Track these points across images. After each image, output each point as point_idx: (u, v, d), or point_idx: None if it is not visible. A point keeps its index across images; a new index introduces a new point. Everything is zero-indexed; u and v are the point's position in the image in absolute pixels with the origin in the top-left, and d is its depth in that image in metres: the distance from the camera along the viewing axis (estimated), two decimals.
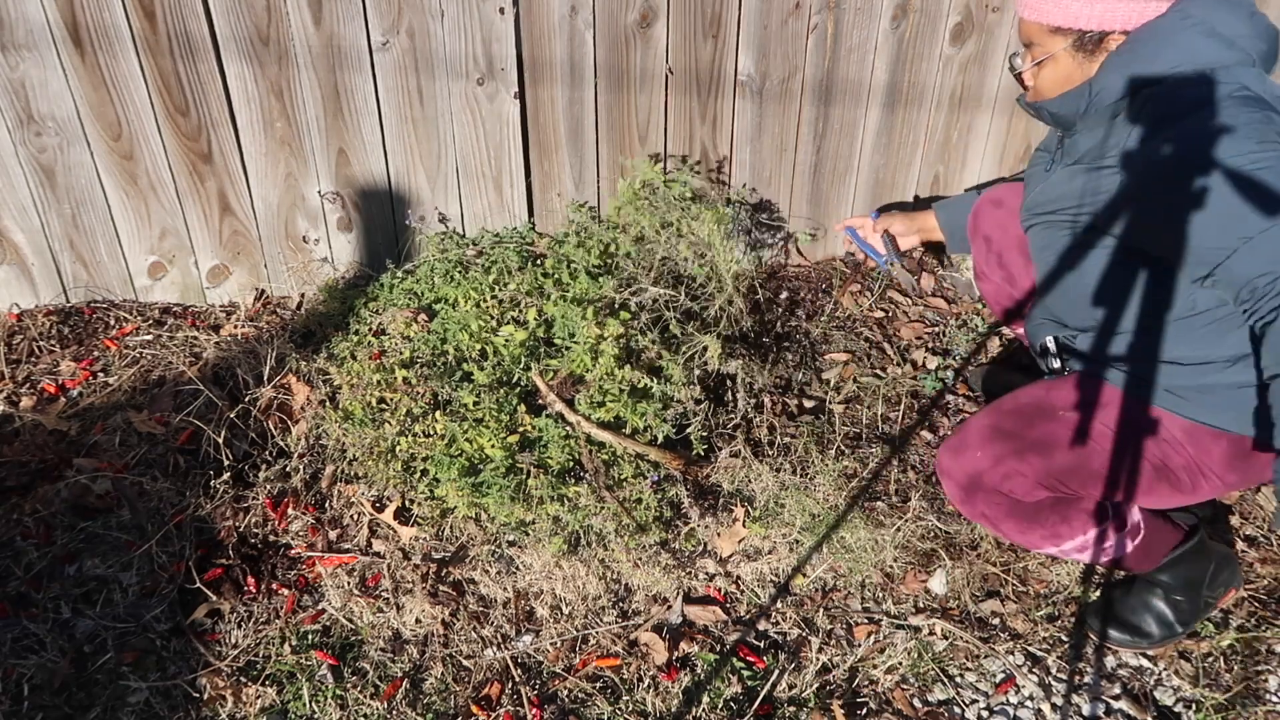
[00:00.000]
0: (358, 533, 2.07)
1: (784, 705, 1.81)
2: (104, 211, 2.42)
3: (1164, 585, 1.89)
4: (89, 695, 1.77)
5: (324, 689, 1.80)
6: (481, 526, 2.06)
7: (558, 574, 1.99)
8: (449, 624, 1.92)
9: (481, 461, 2.05)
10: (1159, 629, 1.89)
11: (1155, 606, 1.90)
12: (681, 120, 2.51)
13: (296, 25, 2.23)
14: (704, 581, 2.02)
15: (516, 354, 2.19)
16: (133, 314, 2.52)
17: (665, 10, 2.34)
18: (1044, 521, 1.76)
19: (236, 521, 2.05)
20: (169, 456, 2.15)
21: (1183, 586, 1.88)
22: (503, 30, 2.31)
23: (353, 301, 2.49)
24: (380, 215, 2.54)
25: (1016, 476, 1.71)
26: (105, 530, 2.02)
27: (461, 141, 2.45)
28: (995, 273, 2.10)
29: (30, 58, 2.18)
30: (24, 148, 2.29)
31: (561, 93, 2.41)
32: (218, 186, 2.42)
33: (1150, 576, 1.90)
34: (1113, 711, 1.81)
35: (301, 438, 2.19)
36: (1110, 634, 1.91)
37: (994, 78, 2.60)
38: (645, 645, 1.90)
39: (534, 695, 1.81)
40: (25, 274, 2.48)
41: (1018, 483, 1.71)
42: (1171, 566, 1.89)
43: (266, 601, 1.94)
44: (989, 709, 1.82)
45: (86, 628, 1.87)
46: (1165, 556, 1.88)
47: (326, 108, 2.35)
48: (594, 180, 2.57)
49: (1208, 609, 1.91)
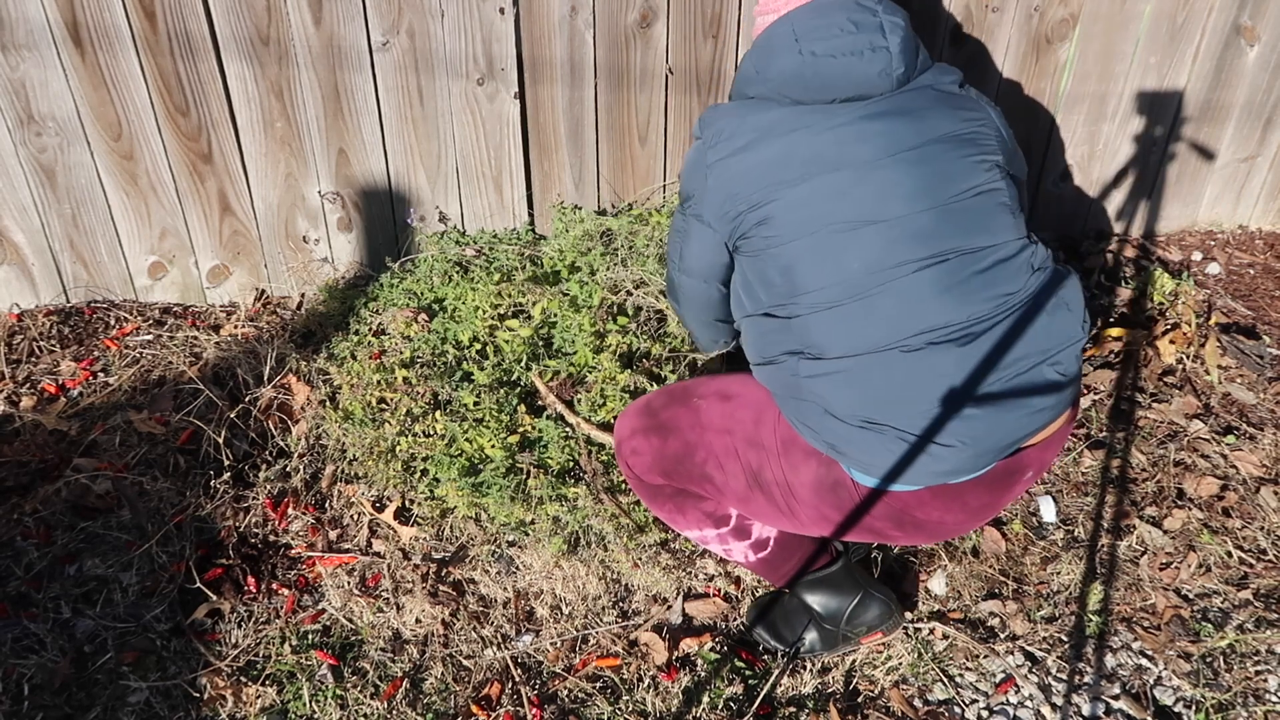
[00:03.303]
0: (358, 533, 2.07)
1: (784, 705, 1.81)
2: (104, 211, 2.42)
3: (809, 607, 1.88)
4: (89, 695, 1.77)
5: (324, 689, 1.80)
6: (481, 526, 2.06)
7: (558, 574, 1.99)
8: (449, 624, 1.92)
9: (481, 461, 2.05)
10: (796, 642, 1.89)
11: (800, 622, 1.89)
12: (682, 120, 2.51)
13: (296, 25, 2.23)
14: (704, 582, 2.02)
15: (519, 352, 2.19)
16: (133, 314, 2.52)
17: (665, 10, 2.34)
18: (663, 504, 1.80)
19: (236, 521, 2.05)
20: (169, 456, 2.15)
21: (825, 614, 1.86)
22: (503, 30, 2.31)
23: (353, 301, 2.49)
24: (380, 215, 2.54)
25: (639, 453, 1.75)
26: (105, 530, 2.02)
27: (461, 141, 2.45)
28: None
29: (30, 58, 2.18)
30: (24, 148, 2.29)
31: (561, 93, 2.41)
32: (218, 186, 2.42)
33: (798, 594, 1.88)
34: (1112, 711, 1.82)
35: (301, 438, 2.19)
36: (757, 628, 1.93)
37: (994, 79, 2.60)
38: (645, 645, 1.90)
39: (534, 695, 1.81)
40: (25, 274, 2.48)
41: (638, 460, 1.76)
42: (812, 589, 1.86)
43: (266, 601, 1.94)
44: (989, 709, 1.82)
45: (86, 628, 1.87)
46: (794, 576, 1.86)
47: (326, 108, 2.35)
48: (594, 180, 2.57)
49: (847, 642, 1.88)
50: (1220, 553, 2.09)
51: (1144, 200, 2.89)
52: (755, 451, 1.63)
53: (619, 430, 1.81)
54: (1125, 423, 2.38)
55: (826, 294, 1.52)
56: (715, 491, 1.71)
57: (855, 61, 1.56)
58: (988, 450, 1.52)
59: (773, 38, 1.63)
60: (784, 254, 1.55)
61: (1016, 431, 1.53)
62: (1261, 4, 2.61)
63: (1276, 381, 2.49)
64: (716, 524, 1.78)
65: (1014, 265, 1.55)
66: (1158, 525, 2.15)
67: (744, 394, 1.69)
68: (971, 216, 1.55)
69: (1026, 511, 2.19)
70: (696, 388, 1.76)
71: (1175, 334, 2.55)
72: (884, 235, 1.51)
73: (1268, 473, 2.26)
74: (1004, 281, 1.53)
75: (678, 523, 1.82)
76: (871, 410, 1.50)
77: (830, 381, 1.52)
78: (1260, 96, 2.77)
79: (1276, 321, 2.70)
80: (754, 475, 1.64)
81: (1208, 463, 2.28)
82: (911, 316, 1.50)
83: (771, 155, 1.56)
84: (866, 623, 1.86)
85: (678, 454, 1.70)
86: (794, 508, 1.63)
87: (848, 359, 1.51)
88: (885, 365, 1.50)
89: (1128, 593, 2.03)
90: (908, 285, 1.50)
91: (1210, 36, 2.63)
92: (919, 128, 1.56)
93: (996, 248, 1.54)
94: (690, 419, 1.70)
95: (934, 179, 1.54)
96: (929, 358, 1.49)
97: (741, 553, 1.81)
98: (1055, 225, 2.86)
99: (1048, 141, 2.72)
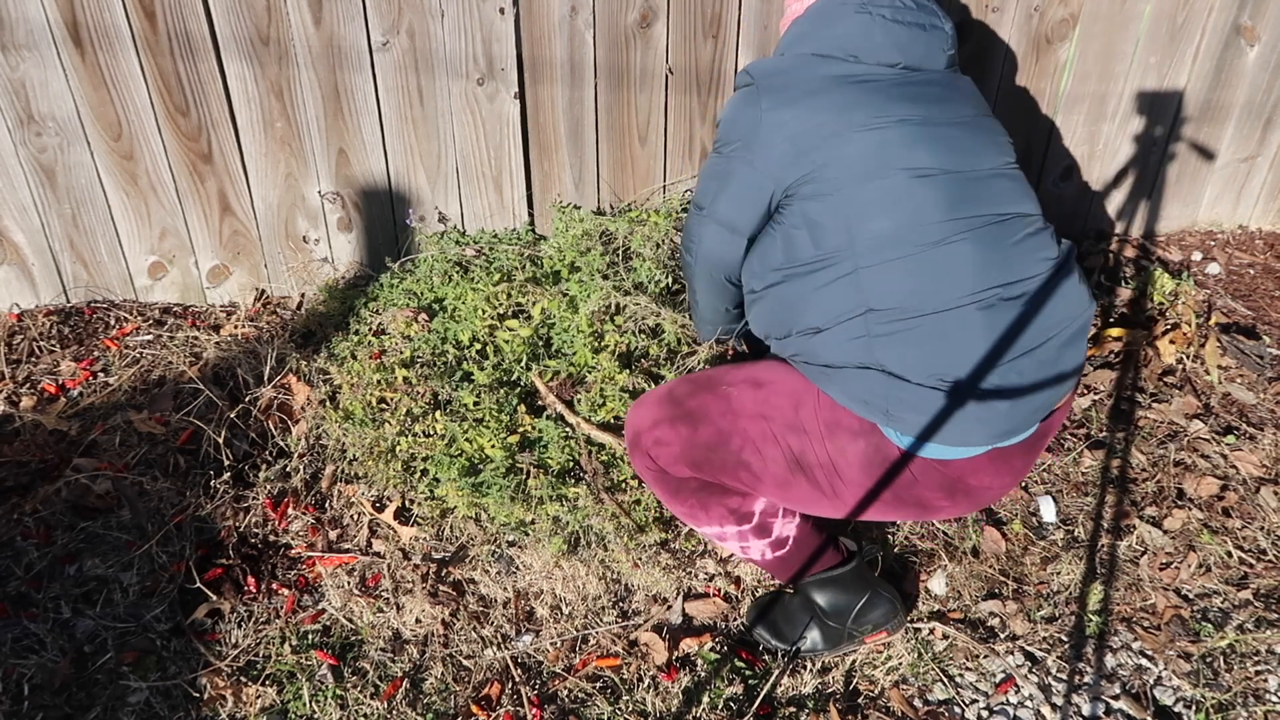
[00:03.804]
0: (358, 533, 2.07)
1: (784, 705, 1.81)
2: (104, 211, 2.42)
3: (815, 605, 1.87)
4: (89, 695, 1.77)
5: (324, 689, 1.80)
6: (481, 526, 2.06)
7: (558, 574, 1.99)
8: (449, 624, 1.92)
9: (481, 461, 2.05)
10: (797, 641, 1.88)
11: (802, 620, 1.89)
12: (682, 120, 2.51)
13: (296, 25, 2.23)
14: (704, 581, 2.02)
15: (519, 352, 2.19)
16: (133, 314, 2.52)
17: (665, 10, 2.34)
18: (685, 500, 1.76)
19: (236, 521, 2.05)
20: (169, 456, 2.15)
21: (831, 612, 1.86)
22: (503, 30, 2.31)
23: (353, 301, 2.49)
24: (380, 215, 2.54)
25: (664, 444, 1.69)
26: (105, 530, 2.02)
27: (461, 141, 2.46)
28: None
29: (30, 58, 2.18)
30: (24, 148, 2.29)
31: (561, 93, 2.41)
32: (218, 186, 2.43)
33: (805, 592, 1.88)
34: (1112, 711, 1.82)
35: (301, 438, 2.19)
36: (757, 628, 1.92)
37: (994, 79, 2.60)
38: (645, 645, 1.90)
39: (534, 695, 1.81)
40: (25, 274, 2.48)
41: (663, 451, 1.70)
42: (821, 587, 1.86)
43: (266, 601, 1.94)
44: (989, 709, 1.82)
45: (86, 628, 1.87)
46: (807, 574, 1.86)
47: (326, 108, 2.35)
48: (594, 180, 2.57)
49: (850, 641, 1.88)
50: (1220, 553, 2.09)
51: (1144, 200, 2.89)
52: (796, 436, 1.61)
53: (636, 421, 1.75)
54: (1125, 423, 2.38)
55: (896, 242, 1.51)
56: (751, 479, 1.67)
57: (920, 33, 1.65)
58: (1040, 409, 1.56)
59: (830, 5, 1.68)
60: (847, 199, 1.54)
61: (1059, 391, 1.58)
62: (1261, 4, 2.61)
63: (1276, 381, 2.49)
64: (739, 521, 1.76)
65: (1047, 234, 1.63)
66: (1158, 525, 2.15)
67: (778, 380, 1.66)
68: (1017, 184, 1.63)
69: (1026, 511, 2.19)
70: (724, 375, 1.72)
71: (1175, 334, 2.55)
72: (955, 187, 1.54)
73: (1268, 473, 2.26)
74: (1046, 247, 1.60)
75: (698, 519, 1.78)
76: (945, 368, 1.50)
77: (899, 340, 1.51)
78: (1260, 96, 2.77)
79: (1276, 321, 2.70)
80: (796, 459, 1.62)
81: (1208, 463, 2.28)
82: (981, 271, 1.51)
83: (837, 101, 1.57)
84: (872, 621, 1.86)
85: (710, 442, 1.66)
86: (839, 488, 1.62)
87: (924, 316, 1.50)
88: (961, 321, 1.50)
89: (1128, 593, 2.03)
90: (978, 238, 1.52)
91: (1210, 36, 2.64)
92: (969, 103, 1.67)
93: (1036, 217, 1.63)
94: (721, 406, 1.66)
95: (989, 145, 1.63)
96: (998, 315, 1.51)
97: (759, 551, 1.80)
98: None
99: (1048, 141, 2.72)
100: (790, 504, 1.71)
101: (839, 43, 1.64)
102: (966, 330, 1.50)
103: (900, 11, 1.65)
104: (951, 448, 1.55)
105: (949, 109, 1.61)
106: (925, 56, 1.65)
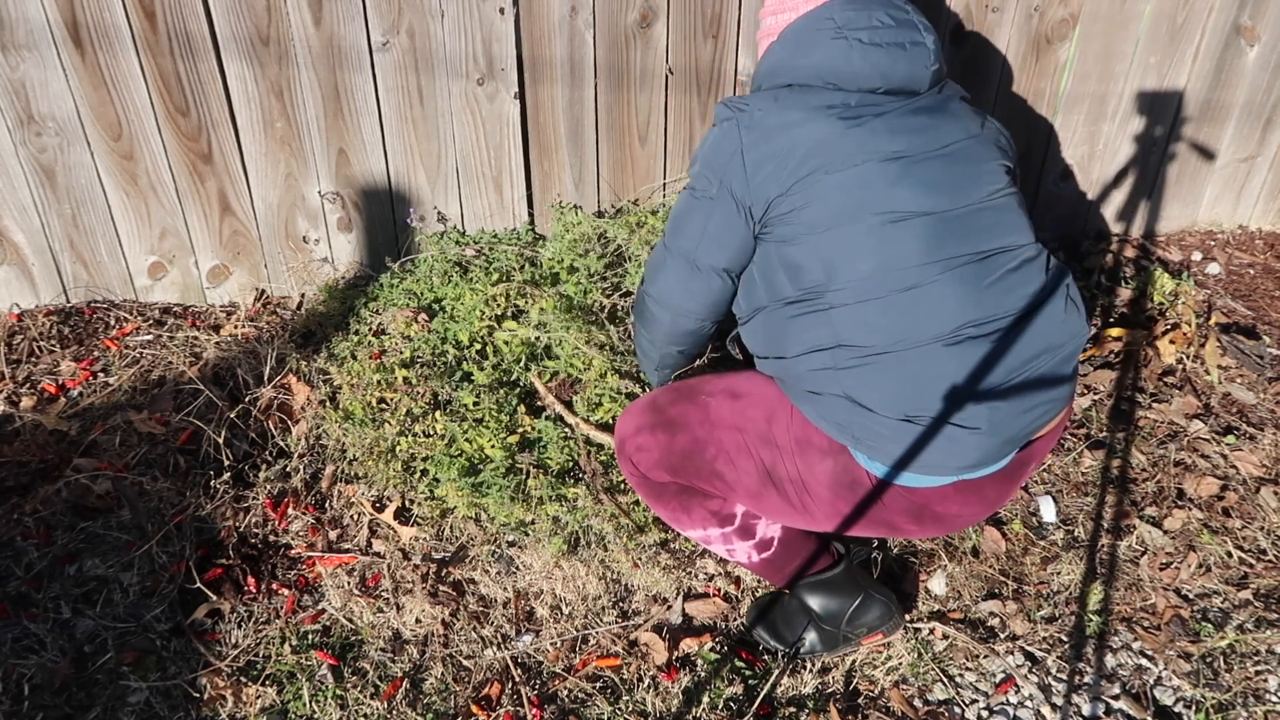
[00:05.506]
0: (358, 533, 2.07)
1: (784, 705, 1.81)
2: (104, 211, 2.42)
3: (809, 608, 1.87)
4: (89, 695, 1.77)
5: (324, 689, 1.80)
6: (481, 526, 2.06)
7: (558, 574, 1.99)
8: (449, 624, 1.92)
9: (481, 461, 2.05)
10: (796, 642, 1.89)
11: (800, 622, 1.89)
12: (681, 120, 2.51)
13: (296, 25, 2.23)
14: (704, 581, 2.02)
15: (518, 353, 2.19)
16: (133, 314, 2.52)
17: (665, 10, 2.34)
18: (668, 503, 1.78)
19: (236, 521, 2.05)
20: (169, 456, 2.15)
21: (825, 615, 1.86)
22: (503, 30, 2.31)
23: (353, 301, 2.49)
24: (380, 215, 2.54)
25: (645, 450, 1.73)
26: (105, 530, 2.02)
27: (461, 141, 2.45)
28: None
29: (30, 58, 2.18)
30: (24, 148, 2.29)
31: (561, 93, 2.41)
32: (218, 186, 2.43)
33: (799, 595, 1.88)
34: (1112, 711, 1.82)
35: (301, 438, 2.19)
36: (757, 628, 1.93)
37: (994, 79, 2.60)
38: (645, 645, 1.90)
39: (534, 695, 1.81)
40: (25, 274, 2.48)
41: (644, 457, 1.73)
42: (813, 590, 1.86)
43: (266, 601, 1.94)
44: (989, 709, 1.82)
45: (86, 628, 1.87)
46: (797, 578, 1.86)
47: (326, 108, 2.35)
48: (594, 180, 2.57)
49: (847, 643, 1.88)
50: (1220, 553, 2.09)
51: (1144, 200, 2.89)
52: (768, 449, 1.63)
53: (622, 428, 1.79)
54: (1125, 423, 2.38)
55: (873, 284, 1.51)
56: (725, 488, 1.70)
57: (900, 53, 1.59)
58: (1012, 441, 1.54)
59: (805, 30, 1.63)
60: (825, 241, 1.54)
61: (1036, 422, 1.56)
62: (1261, 4, 2.61)
63: (1276, 381, 2.49)
64: (721, 523, 1.78)
65: (1036, 264, 1.60)
66: (1158, 525, 2.15)
67: (754, 392, 1.68)
68: (1003, 216, 1.59)
69: (1026, 511, 2.19)
70: (704, 385, 1.75)
71: (1175, 334, 2.55)
72: (934, 228, 1.52)
73: (1268, 473, 2.26)
74: (1031, 280, 1.57)
75: (681, 522, 1.80)
76: (910, 404, 1.50)
77: (867, 374, 1.51)
78: (1260, 96, 2.77)
79: (1276, 321, 2.70)
80: (767, 472, 1.64)
81: (1208, 463, 2.28)
82: (955, 311, 1.51)
83: (816, 137, 1.55)
84: (867, 624, 1.86)
85: (686, 450, 1.69)
86: (808, 504, 1.63)
87: (890, 354, 1.51)
88: (926, 359, 1.50)
89: (1128, 593, 2.03)
90: (955, 279, 1.51)
91: (1210, 36, 2.64)
92: (957, 126, 1.61)
93: (1024, 248, 1.60)
94: (699, 415, 1.69)
95: (974, 177, 1.58)
96: (966, 351, 1.50)
97: (745, 553, 1.81)
98: (1055, 225, 2.86)
99: (1048, 141, 2.72)
100: (764, 514, 1.73)
101: (816, 71, 1.61)
102: (932, 366, 1.50)
103: (877, 33, 1.59)
104: (918, 475, 1.55)
105: (934, 136, 1.57)
106: (908, 78, 1.60)
